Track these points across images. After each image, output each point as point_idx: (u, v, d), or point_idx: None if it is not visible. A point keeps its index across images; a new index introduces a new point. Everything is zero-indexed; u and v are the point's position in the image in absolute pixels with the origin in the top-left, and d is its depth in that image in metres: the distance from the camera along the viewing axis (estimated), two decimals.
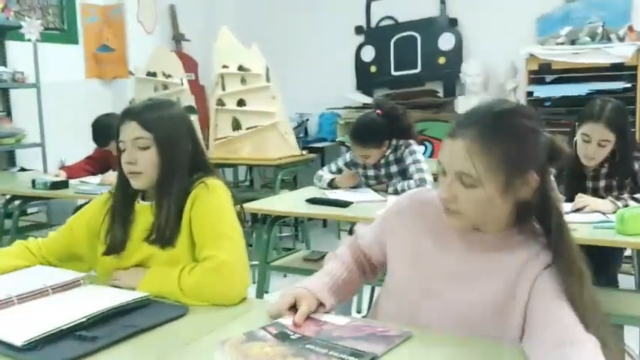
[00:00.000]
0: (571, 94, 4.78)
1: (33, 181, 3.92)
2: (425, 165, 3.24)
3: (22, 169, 5.22)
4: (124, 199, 1.80)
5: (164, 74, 5.40)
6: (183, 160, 1.74)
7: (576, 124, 2.79)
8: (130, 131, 1.71)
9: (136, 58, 5.91)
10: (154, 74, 5.41)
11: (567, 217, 2.44)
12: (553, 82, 5.02)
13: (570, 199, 2.69)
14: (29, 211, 5.07)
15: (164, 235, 1.69)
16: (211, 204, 1.70)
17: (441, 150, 1.33)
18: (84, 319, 1.38)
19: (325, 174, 3.57)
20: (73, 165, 4.29)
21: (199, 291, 1.57)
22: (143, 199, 1.80)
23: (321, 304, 1.43)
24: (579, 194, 2.69)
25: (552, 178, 2.83)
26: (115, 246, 1.77)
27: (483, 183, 1.25)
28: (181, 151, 1.74)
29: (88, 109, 2.96)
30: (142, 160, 1.71)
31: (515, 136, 1.27)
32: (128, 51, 6.02)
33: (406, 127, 3.33)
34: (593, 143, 2.68)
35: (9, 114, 5.28)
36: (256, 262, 4.65)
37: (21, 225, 4.54)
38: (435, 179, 3.07)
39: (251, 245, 5.41)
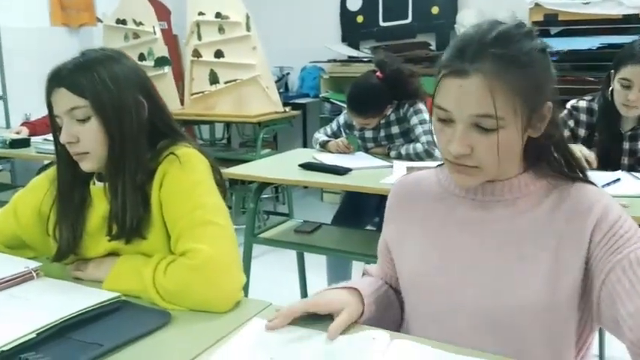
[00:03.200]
0: (579, 48, 4.42)
1: None
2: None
3: None
4: (71, 185, 1.43)
5: (135, 22, 5.06)
6: (137, 128, 1.36)
7: (611, 72, 2.44)
8: (62, 101, 1.32)
9: (104, 3, 5.58)
10: (123, 22, 5.08)
11: (611, 190, 2.17)
12: (559, 34, 4.65)
13: (605, 165, 2.37)
14: None
15: (124, 226, 1.33)
16: (186, 181, 1.34)
17: (442, 94, 1.06)
18: (32, 336, 1.05)
19: (321, 136, 3.23)
20: (36, 120, 4.00)
21: (180, 297, 1.24)
22: (100, 179, 1.44)
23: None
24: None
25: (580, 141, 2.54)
26: (64, 251, 1.42)
27: (507, 122, 1.04)
28: (132, 116, 1.35)
29: (54, 59, 2.59)
30: (84, 136, 1.33)
31: (532, 61, 1.05)
32: None
33: (412, 92, 2.98)
34: (635, 88, 2.33)
35: None
36: (237, 227, 4.37)
37: None
38: None
39: (230, 207, 5.12)
